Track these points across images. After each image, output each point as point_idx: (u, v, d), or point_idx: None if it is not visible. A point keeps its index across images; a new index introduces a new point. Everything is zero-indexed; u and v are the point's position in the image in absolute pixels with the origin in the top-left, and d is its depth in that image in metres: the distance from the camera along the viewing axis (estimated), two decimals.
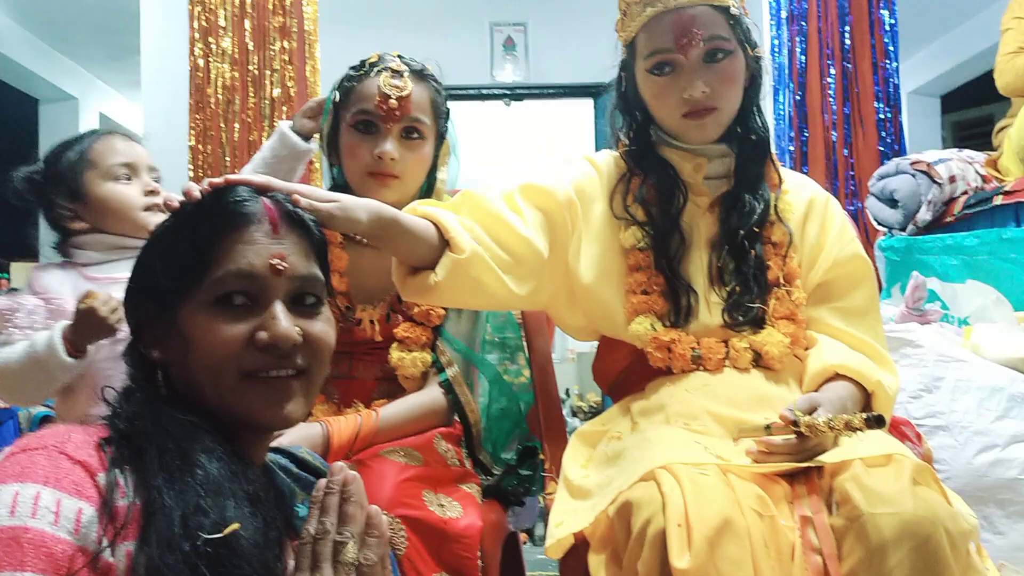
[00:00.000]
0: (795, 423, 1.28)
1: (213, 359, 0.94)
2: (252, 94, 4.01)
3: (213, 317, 0.95)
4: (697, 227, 1.59)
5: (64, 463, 0.82)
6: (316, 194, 1.18)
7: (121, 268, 1.70)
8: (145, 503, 0.83)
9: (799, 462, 1.31)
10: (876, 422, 1.22)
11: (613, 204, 1.60)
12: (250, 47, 4.03)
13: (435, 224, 1.44)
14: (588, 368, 5.52)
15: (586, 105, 5.69)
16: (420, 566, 1.39)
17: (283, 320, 0.95)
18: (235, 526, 0.84)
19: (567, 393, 6.44)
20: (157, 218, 1.38)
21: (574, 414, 6.07)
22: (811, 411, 1.32)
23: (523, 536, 1.90)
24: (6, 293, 3.32)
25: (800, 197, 1.63)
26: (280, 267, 0.97)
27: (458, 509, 1.48)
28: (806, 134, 4.07)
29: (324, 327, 1.01)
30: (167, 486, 0.84)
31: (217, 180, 1.05)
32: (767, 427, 1.33)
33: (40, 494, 0.79)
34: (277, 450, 1.19)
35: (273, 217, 1.00)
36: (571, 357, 6.96)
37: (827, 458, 1.30)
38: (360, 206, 1.29)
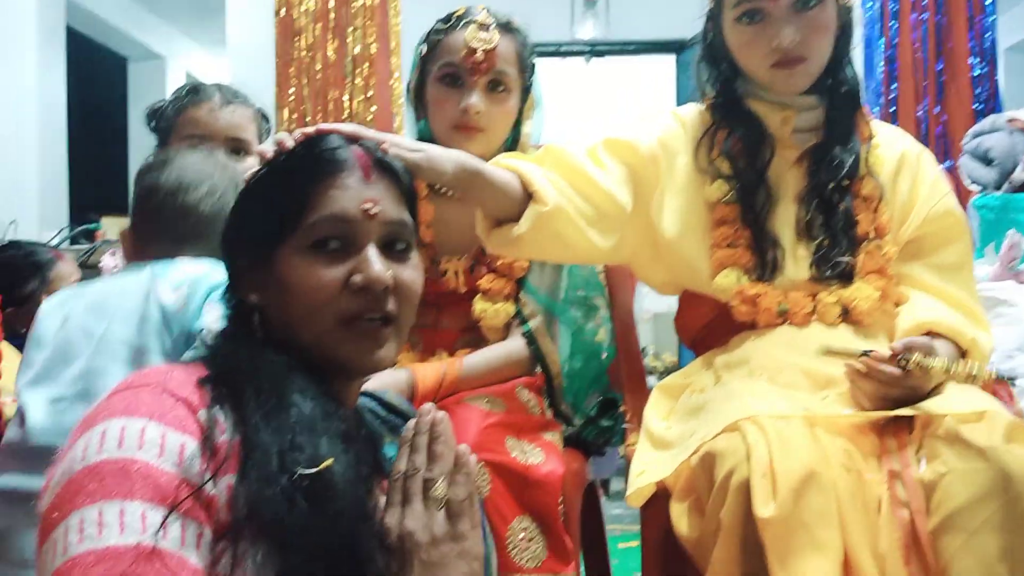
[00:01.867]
0: (903, 357, 1.27)
1: (310, 302, 0.97)
2: (334, 51, 4.05)
3: (309, 262, 0.97)
4: (784, 181, 1.56)
5: (167, 399, 0.86)
6: (403, 144, 1.20)
7: None
8: (243, 439, 0.86)
9: (889, 408, 1.29)
10: (1005, 379, 1.20)
11: (698, 157, 1.58)
12: (331, 3, 4.06)
13: (519, 176, 1.45)
14: (664, 328, 5.49)
15: (668, 61, 5.61)
16: (503, 509, 1.42)
17: (376, 263, 0.98)
18: (329, 461, 0.87)
19: (644, 351, 6.42)
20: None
21: (649, 373, 6.06)
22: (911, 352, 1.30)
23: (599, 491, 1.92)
24: (102, 244, 3.45)
25: (892, 150, 1.59)
26: (372, 211, 0.99)
27: (540, 455, 1.50)
28: (896, 91, 3.95)
29: (413, 273, 1.03)
30: (264, 423, 0.88)
31: (309, 130, 1.08)
32: (865, 352, 1.31)
33: (146, 428, 0.82)
34: (365, 394, 1.22)
35: (364, 164, 1.02)
36: (647, 318, 6.92)
37: (920, 408, 1.28)
38: (446, 156, 1.31)
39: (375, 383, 1.48)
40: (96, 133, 6.10)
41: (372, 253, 0.98)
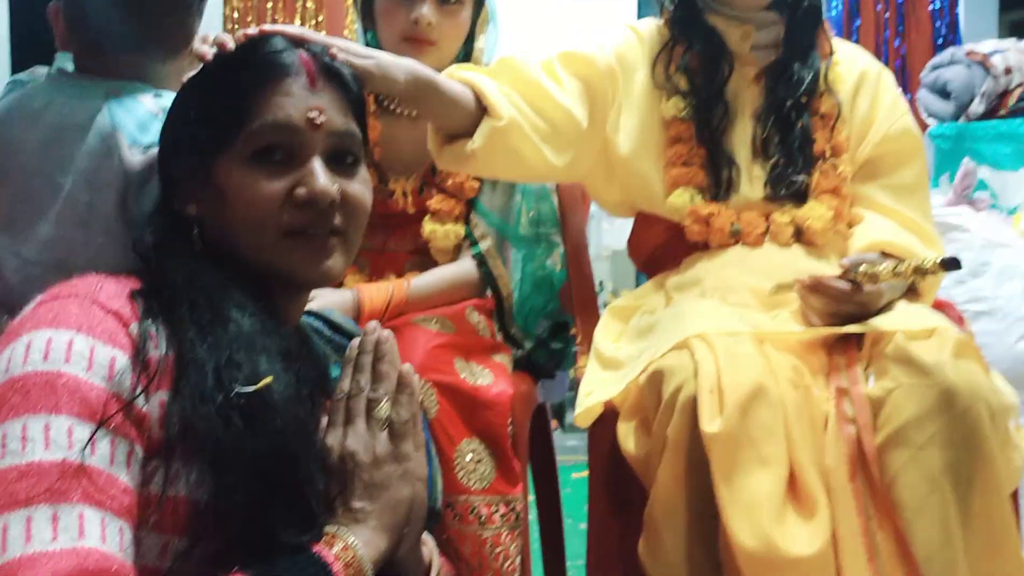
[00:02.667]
0: (851, 271, 1.26)
1: (252, 215, 0.92)
2: None
3: (251, 172, 0.92)
4: (742, 98, 1.53)
5: (97, 311, 0.81)
6: (353, 49, 1.15)
7: None
8: (178, 355, 0.83)
9: (840, 325, 1.28)
10: (952, 264, 1.19)
11: (655, 73, 1.54)
12: None
13: (473, 89, 1.40)
14: (623, 265, 5.47)
15: None
16: (451, 431, 1.40)
17: (322, 176, 0.93)
18: (268, 380, 0.83)
19: (600, 286, 6.44)
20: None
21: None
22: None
23: (554, 423, 1.91)
24: None
25: (852, 68, 1.56)
26: (318, 120, 0.94)
27: (489, 377, 1.47)
28: (857, 22, 3.92)
29: (361, 187, 0.98)
30: (199, 339, 0.84)
31: (251, 31, 1.02)
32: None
33: (74, 340, 0.78)
34: (310, 313, 1.18)
35: (310, 69, 0.96)
36: (606, 255, 6.92)
37: (869, 326, 1.27)
38: (397, 65, 1.25)
39: (319, 303, 1.44)
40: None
41: (317, 165, 0.93)
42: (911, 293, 1.44)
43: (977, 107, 2.91)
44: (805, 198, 1.48)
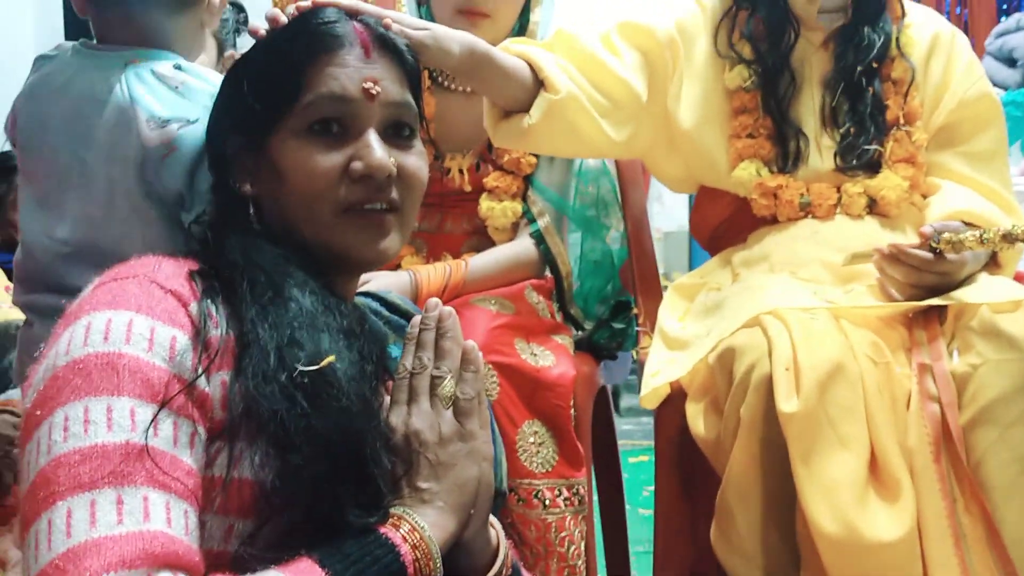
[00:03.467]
0: (933, 240, 1.20)
1: (307, 191, 0.90)
2: None
3: (306, 146, 0.91)
4: (809, 65, 1.47)
5: (156, 291, 0.80)
6: (408, 21, 1.12)
7: None
8: (239, 335, 0.81)
9: (920, 298, 1.23)
10: None
11: (718, 41, 1.49)
12: None
13: (529, 63, 1.36)
14: (674, 246, 5.41)
15: None
16: (512, 413, 1.37)
17: (378, 149, 0.90)
18: (331, 358, 0.82)
19: None
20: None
21: None
22: None
23: None
24: None
25: (925, 31, 1.50)
26: (374, 91, 0.91)
27: (551, 358, 1.44)
28: None
29: (418, 161, 0.96)
30: (260, 318, 0.82)
31: (304, 3, 0.99)
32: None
33: (133, 321, 0.77)
34: (367, 294, 1.16)
35: (365, 40, 0.94)
36: (658, 236, 6.85)
37: (952, 298, 1.22)
38: (453, 37, 1.22)
39: (376, 284, 1.42)
40: None
41: (373, 138, 0.91)
42: (992, 265, 1.37)
43: None
44: (878, 168, 1.43)
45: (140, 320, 0.77)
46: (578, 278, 1.70)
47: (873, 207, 1.42)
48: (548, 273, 1.67)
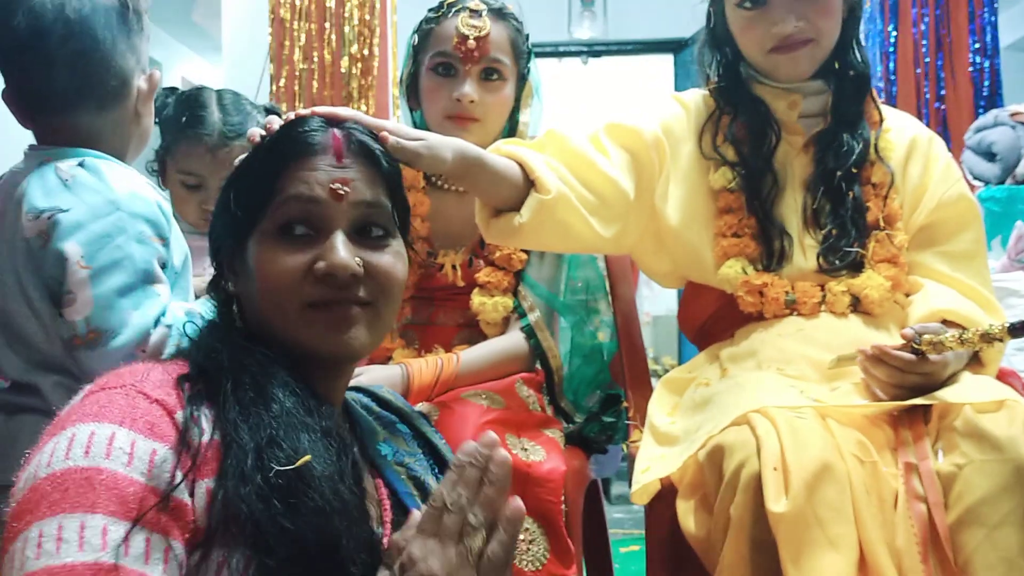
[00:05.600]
0: (915, 341, 1.22)
1: (276, 289, 0.93)
2: (330, 54, 3.99)
3: (276, 247, 0.94)
4: (791, 167, 1.52)
5: (141, 403, 0.81)
6: (403, 131, 1.16)
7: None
8: (223, 438, 0.82)
9: (905, 398, 1.24)
10: (1021, 329, 1.15)
11: (702, 144, 1.54)
12: (329, 5, 4.00)
13: (520, 163, 1.40)
14: (663, 331, 5.43)
15: (666, 61, 5.57)
16: None
17: (341, 250, 0.93)
18: (307, 458, 0.83)
19: None
20: None
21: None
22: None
23: None
24: None
25: (902, 136, 1.55)
26: (341, 191, 0.94)
27: (541, 453, 1.45)
28: (895, 85, 3.90)
29: (391, 260, 0.98)
30: (242, 420, 0.83)
31: (303, 112, 1.03)
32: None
33: (115, 435, 0.78)
34: (359, 389, 1.18)
35: (338, 145, 0.97)
36: (646, 320, 6.88)
37: (936, 397, 1.23)
38: (446, 145, 1.26)
39: (368, 378, 1.44)
40: None
41: (339, 239, 0.94)
42: (975, 363, 1.40)
43: None
44: (861, 268, 1.46)
45: (122, 434, 0.78)
46: (568, 370, 1.71)
47: (857, 306, 1.45)
48: (538, 366, 1.68)
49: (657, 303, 6.66)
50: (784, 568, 1.09)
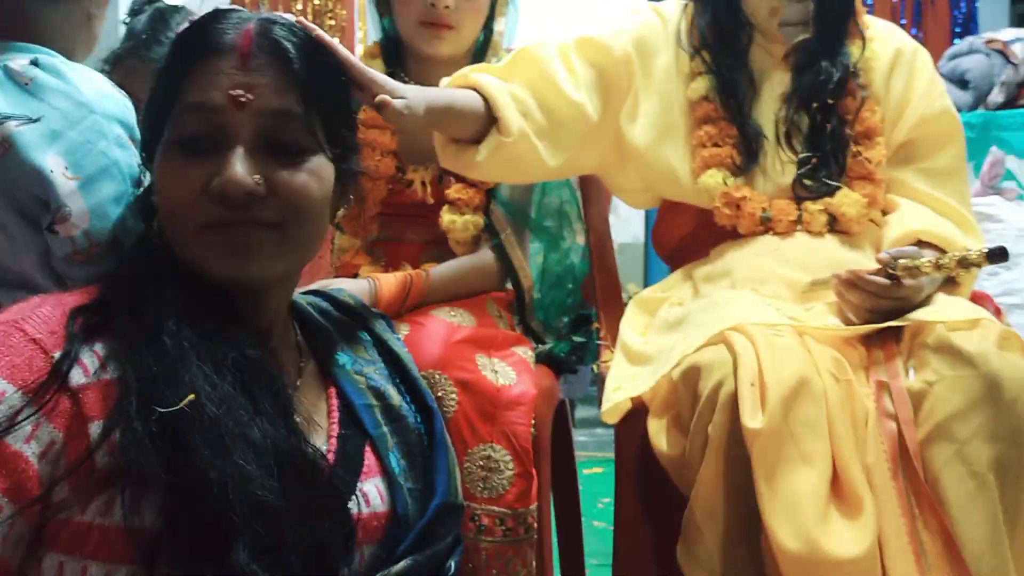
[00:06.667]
0: (890, 266, 1.20)
1: (172, 208, 0.86)
2: None
3: (176, 160, 0.86)
4: (769, 77, 1.48)
5: (15, 340, 0.76)
6: (389, 86, 1.09)
7: None
8: (117, 378, 0.78)
9: (881, 321, 1.23)
10: (1000, 255, 1.13)
11: (679, 54, 1.50)
12: None
13: (485, 97, 1.36)
14: (630, 260, 5.40)
15: None
16: (466, 435, 1.33)
17: (237, 165, 0.83)
18: (190, 397, 0.76)
19: None
20: None
21: None
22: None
23: None
24: None
25: (887, 47, 1.51)
26: (243, 99, 0.84)
27: (511, 375, 1.41)
28: (872, 12, 3.86)
29: (304, 178, 0.87)
30: (131, 356, 0.78)
31: (229, 7, 0.95)
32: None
33: None
34: (318, 293, 1.12)
35: (245, 45, 0.86)
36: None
37: (910, 319, 1.22)
38: (419, 100, 1.18)
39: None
40: None
41: (237, 154, 0.84)
42: (949, 284, 1.38)
43: (996, 96, 2.86)
44: (838, 184, 1.43)
45: None
46: (539, 291, 1.68)
47: (833, 224, 1.42)
48: (509, 286, 1.65)
49: (624, 231, 6.63)
50: (757, 485, 1.09)
